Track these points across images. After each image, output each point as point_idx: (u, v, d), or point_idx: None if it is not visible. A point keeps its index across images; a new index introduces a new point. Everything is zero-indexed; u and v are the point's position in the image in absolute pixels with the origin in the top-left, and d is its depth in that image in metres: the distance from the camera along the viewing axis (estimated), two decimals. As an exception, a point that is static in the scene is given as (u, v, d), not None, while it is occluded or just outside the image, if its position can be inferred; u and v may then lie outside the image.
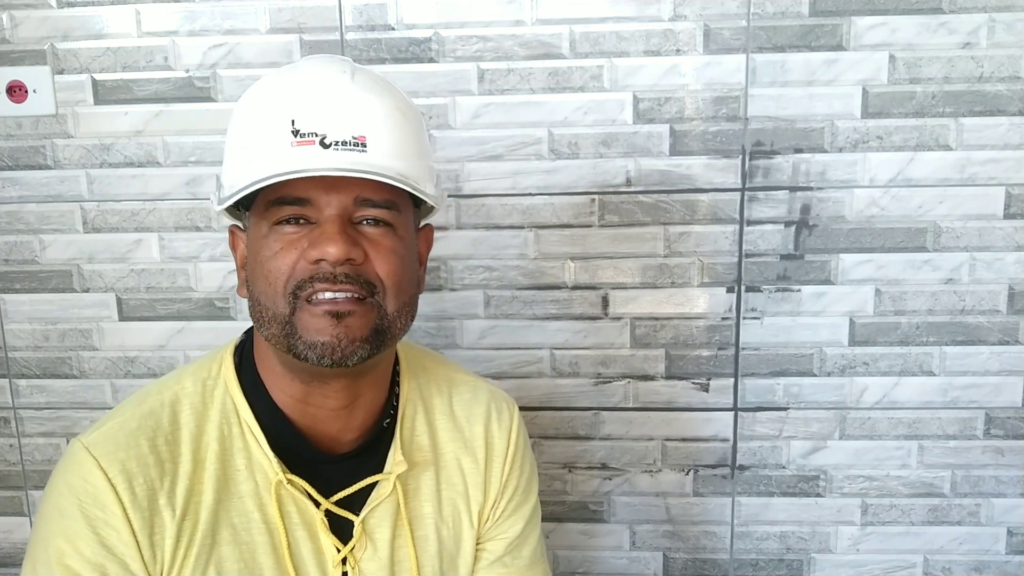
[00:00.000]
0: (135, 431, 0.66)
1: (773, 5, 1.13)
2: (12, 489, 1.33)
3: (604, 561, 1.30)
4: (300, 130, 0.61)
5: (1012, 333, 1.20)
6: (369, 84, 0.65)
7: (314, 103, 0.63)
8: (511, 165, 1.18)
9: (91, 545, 0.63)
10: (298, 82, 0.65)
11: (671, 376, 1.24)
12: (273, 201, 0.63)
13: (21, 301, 1.27)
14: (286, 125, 0.62)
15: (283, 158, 0.61)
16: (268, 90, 0.66)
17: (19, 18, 1.19)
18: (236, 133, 0.67)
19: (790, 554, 1.28)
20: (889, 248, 1.18)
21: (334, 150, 0.61)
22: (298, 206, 0.63)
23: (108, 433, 0.66)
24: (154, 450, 0.66)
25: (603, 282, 1.22)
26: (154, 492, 0.65)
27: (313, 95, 0.63)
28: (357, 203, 0.63)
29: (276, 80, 0.67)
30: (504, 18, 1.15)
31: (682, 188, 1.18)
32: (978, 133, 1.14)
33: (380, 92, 0.65)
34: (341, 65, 0.66)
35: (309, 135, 0.61)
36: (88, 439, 0.66)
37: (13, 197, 1.24)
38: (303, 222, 0.63)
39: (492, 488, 0.80)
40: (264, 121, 0.64)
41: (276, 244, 0.63)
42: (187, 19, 1.18)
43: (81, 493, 0.64)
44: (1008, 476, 1.24)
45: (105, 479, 0.63)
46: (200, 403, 0.69)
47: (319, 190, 0.62)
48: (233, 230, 0.73)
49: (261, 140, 0.63)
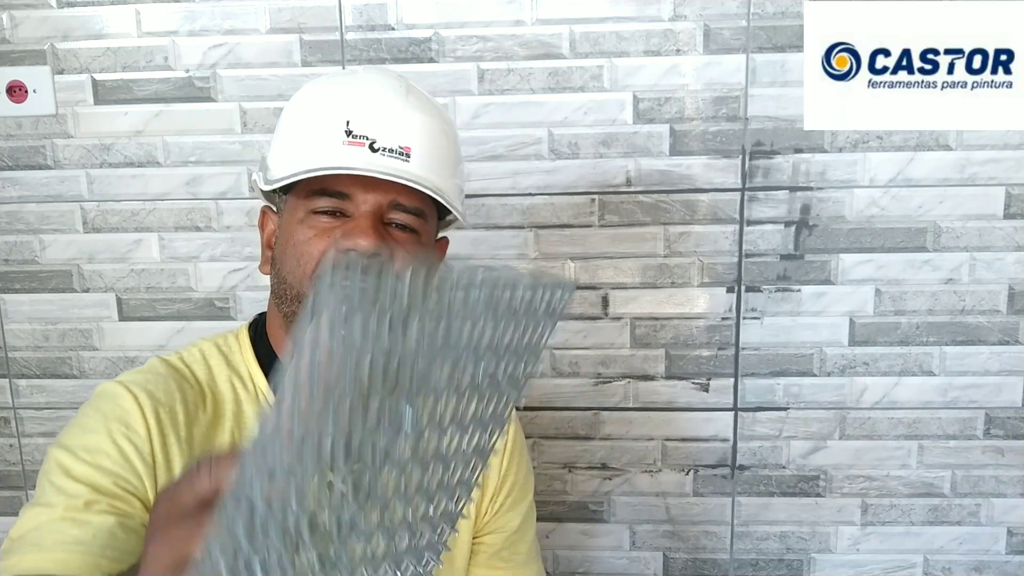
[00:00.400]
0: (164, 376, 0.70)
1: (773, 5, 1.13)
2: (12, 489, 1.33)
3: (604, 561, 1.30)
4: (353, 131, 0.67)
5: (1012, 333, 1.20)
6: (420, 103, 0.71)
7: (370, 110, 0.68)
8: (511, 165, 1.18)
9: (112, 455, 0.64)
10: (358, 88, 0.70)
11: (671, 376, 1.24)
12: (316, 191, 0.68)
13: (21, 301, 1.27)
14: (341, 125, 0.67)
15: (335, 154, 0.66)
16: (329, 90, 0.71)
17: (19, 18, 1.19)
18: (291, 122, 0.72)
19: (790, 554, 1.28)
20: (889, 248, 1.18)
21: (381, 154, 0.67)
22: (338, 199, 0.68)
23: (136, 375, 0.70)
24: (181, 390, 0.70)
25: (603, 282, 1.22)
26: (177, 424, 0.68)
27: (370, 103, 0.69)
28: (391, 206, 0.69)
29: (337, 82, 0.73)
30: (504, 18, 1.15)
31: (682, 188, 1.18)
32: (978, 134, 1.14)
33: (428, 112, 0.71)
34: (399, 81, 0.72)
35: (361, 137, 0.67)
36: (117, 378, 0.70)
37: (13, 197, 1.24)
38: (339, 215, 0.68)
39: (490, 483, 0.81)
40: (320, 117, 0.69)
41: (311, 230, 0.68)
42: (187, 19, 1.18)
43: (108, 410, 0.66)
44: (1008, 476, 1.24)
45: (134, 401, 0.66)
46: (220, 367, 0.74)
47: (359, 188, 0.67)
48: (265, 210, 0.77)
49: (316, 134, 0.68)
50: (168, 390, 0.69)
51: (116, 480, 0.63)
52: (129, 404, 0.66)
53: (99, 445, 0.64)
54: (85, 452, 0.64)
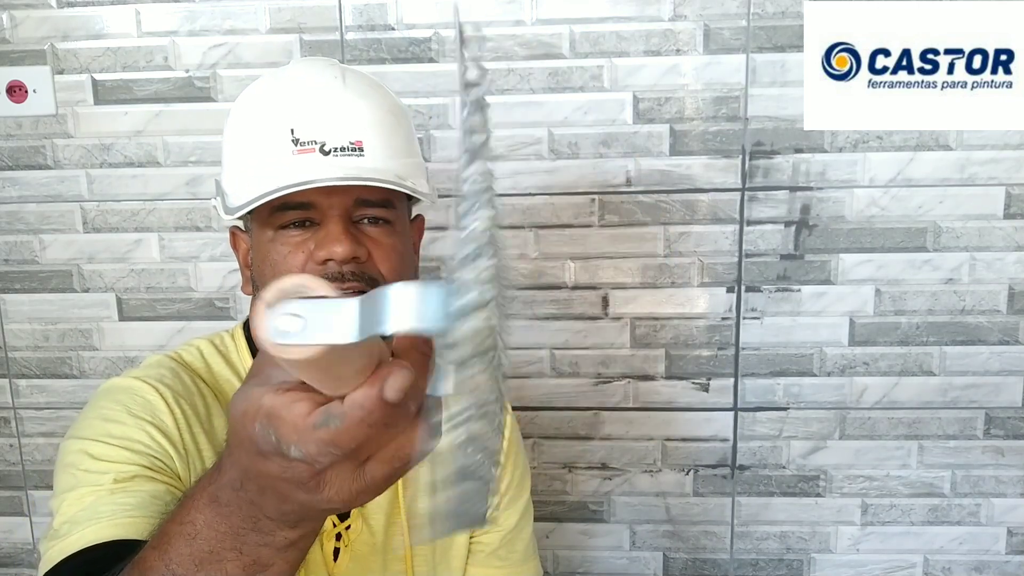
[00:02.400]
0: (175, 370, 0.70)
1: (773, 5, 1.13)
2: (12, 489, 1.33)
3: (604, 561, 1.30)
4: (300, 139, 0.65)
5: (1012, 333, 1.20)
6: (361, 88, 0.68)
7: (311, 111, 0.66)
8: (511, 165, 1.18)
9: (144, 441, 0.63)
10: (293, 89, 0.68)
11: (671, 376, 1.24)
12: (277, 207, 0.66)
13: (21, 301, 1.27)
14: (286, 134, 0.65)
15: (286, 168, 0.64)
16: (263, 97, 0.69)
17: (19, 18, 1.19)
18: (235, 140, 0.70)
19: (790, 554, 1.28)
20: (889, 248, 1.18)
21: (334, 156, 0.65)
22: (301, 210, 0.66)
23: (149, 370, 0.69)
24: (194, 383, 0.69)
25: (603, 282, 1.21)
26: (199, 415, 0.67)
27: (309, 102, 0.66)
28: (357, 204, 0.67)
29: (270, 86, 0.70)
30: (504, 18, 1.15)
31: (682, 188, 1.18)
32: (978, 134, 1.14)
33: (372, 96, 0.68)
34: (332, 70, 0.69)
35: (309, 143, 0.65)
36: (130, 374, 0.68)
37: (13, 197, 1.24)
38: (308, 224, 0.66)
39: None
40: (263, 129, 0.67)
41: (284, 247, 0.66)
42: (187, 19, 1.18)
43: (128, 401, 0.65)
44: (1008, 476, 1.24)
45: (155, 392, 0.66)
46: (220, 365, 0.73)
47: (321, 195, 0.65)
48: (234, 231, 0.75)
49: (262, 149, 0.66)
50: (184, 383, 0.69)
51: (153, 460, 0.62)
52: (152, 396, 0.65)
53: (127, 434, 0.63)
54: (113, 439, 0.63)
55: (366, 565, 0.73)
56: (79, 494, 0.59)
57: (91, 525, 0.57)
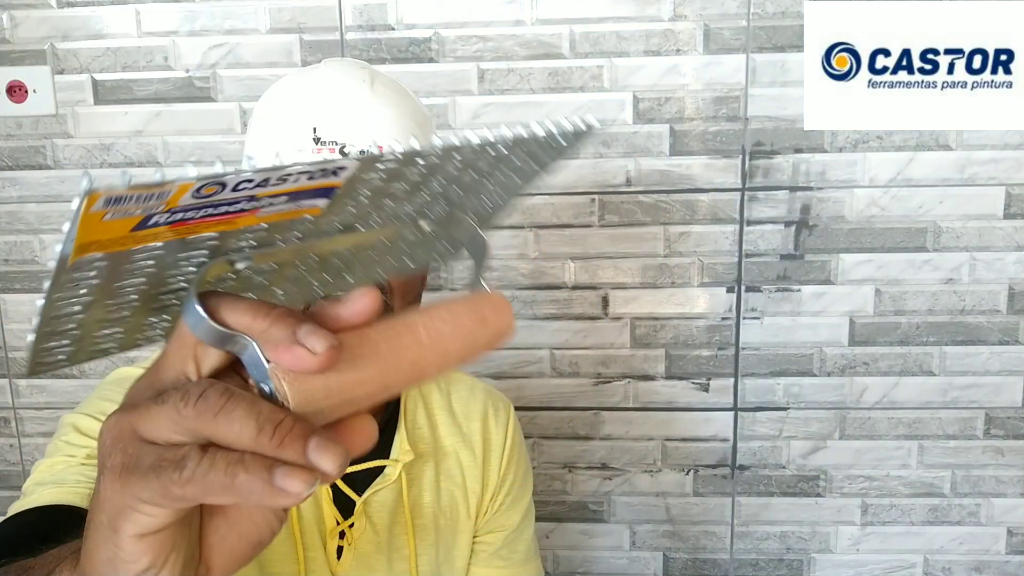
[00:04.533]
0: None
1: (773, 5, 1.13)
2: (12, 489, 1.33)
3: (604, 561, 1.30)
4: (321, 138, 0.64)
5: (1012, 333, 1.20)
6: (387, 94, 0.68)
7: (335, 111, 0.66)
8: (511, 165, 1.18)
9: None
10: (321, 88, 0.68)
11: (671, 376, 1.24)
12: None
13: (21, 301, 1.27)
14: (308, 132, 0.65)
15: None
16: (291, 93, 0.69)
17: (19, 18, 1.19)
18: (258, 133, 0.70)
19: (790, 554, 1.28)
20: (889, 248, 1.18)
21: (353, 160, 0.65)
22: None
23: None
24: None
25: (603, 282, 1.22)
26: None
27: (334, 103, 0.66)
28: None
29: (299, 83, 0.70)
30: (504, 18, 1.15)
31: (682, 188, 1.18)
32: (978, 134, 1.14)
33: (397, 103, 0.68)
34: (361, 73, 0.69)
35: (330, 143, 0.64)
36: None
37: (13, 197, 1.24)
38: None
39: (491, 481, 0.81)
40: (286, 125, 0.67)
41: None
42: (187, 19, 1.18)
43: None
44: (1008, 476, 1.24)
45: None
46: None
47: None
48: None
49: (284, 143, 0.66)
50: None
51: None
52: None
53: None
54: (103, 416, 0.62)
55: (370, 564, 0.73)
56: (52, 461, 0.61)
57: (52, 488, 0.58)
